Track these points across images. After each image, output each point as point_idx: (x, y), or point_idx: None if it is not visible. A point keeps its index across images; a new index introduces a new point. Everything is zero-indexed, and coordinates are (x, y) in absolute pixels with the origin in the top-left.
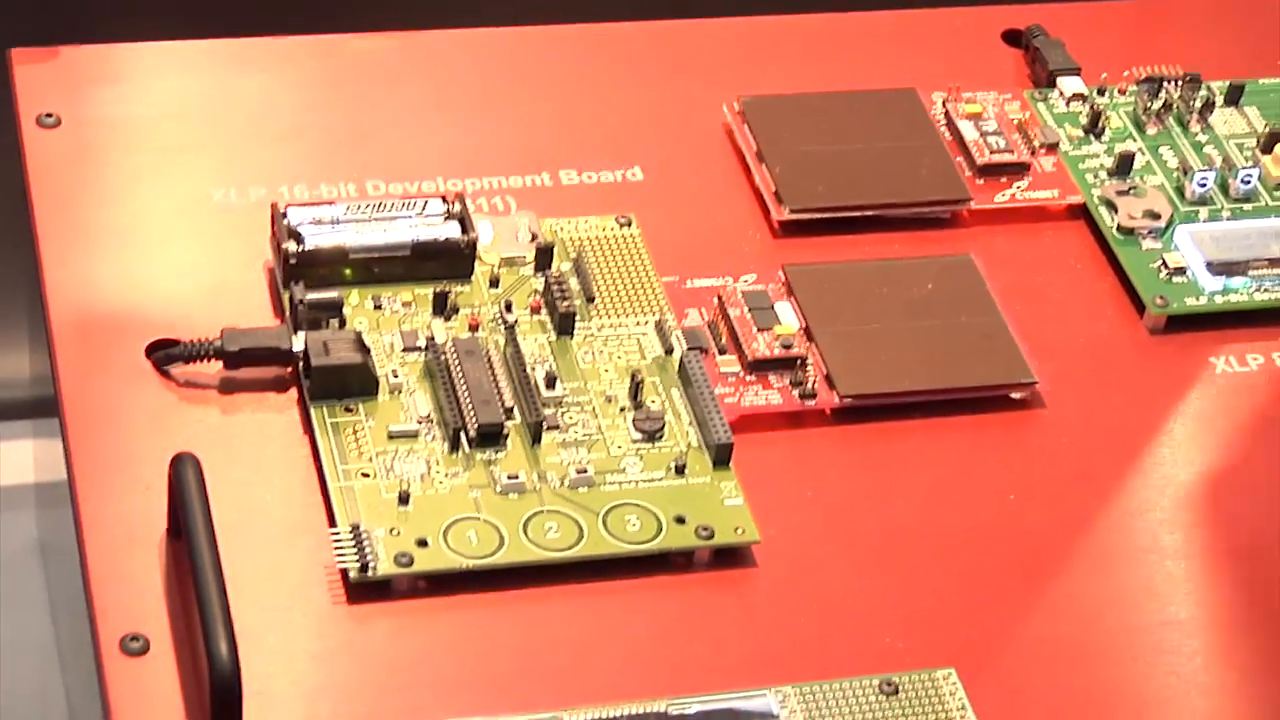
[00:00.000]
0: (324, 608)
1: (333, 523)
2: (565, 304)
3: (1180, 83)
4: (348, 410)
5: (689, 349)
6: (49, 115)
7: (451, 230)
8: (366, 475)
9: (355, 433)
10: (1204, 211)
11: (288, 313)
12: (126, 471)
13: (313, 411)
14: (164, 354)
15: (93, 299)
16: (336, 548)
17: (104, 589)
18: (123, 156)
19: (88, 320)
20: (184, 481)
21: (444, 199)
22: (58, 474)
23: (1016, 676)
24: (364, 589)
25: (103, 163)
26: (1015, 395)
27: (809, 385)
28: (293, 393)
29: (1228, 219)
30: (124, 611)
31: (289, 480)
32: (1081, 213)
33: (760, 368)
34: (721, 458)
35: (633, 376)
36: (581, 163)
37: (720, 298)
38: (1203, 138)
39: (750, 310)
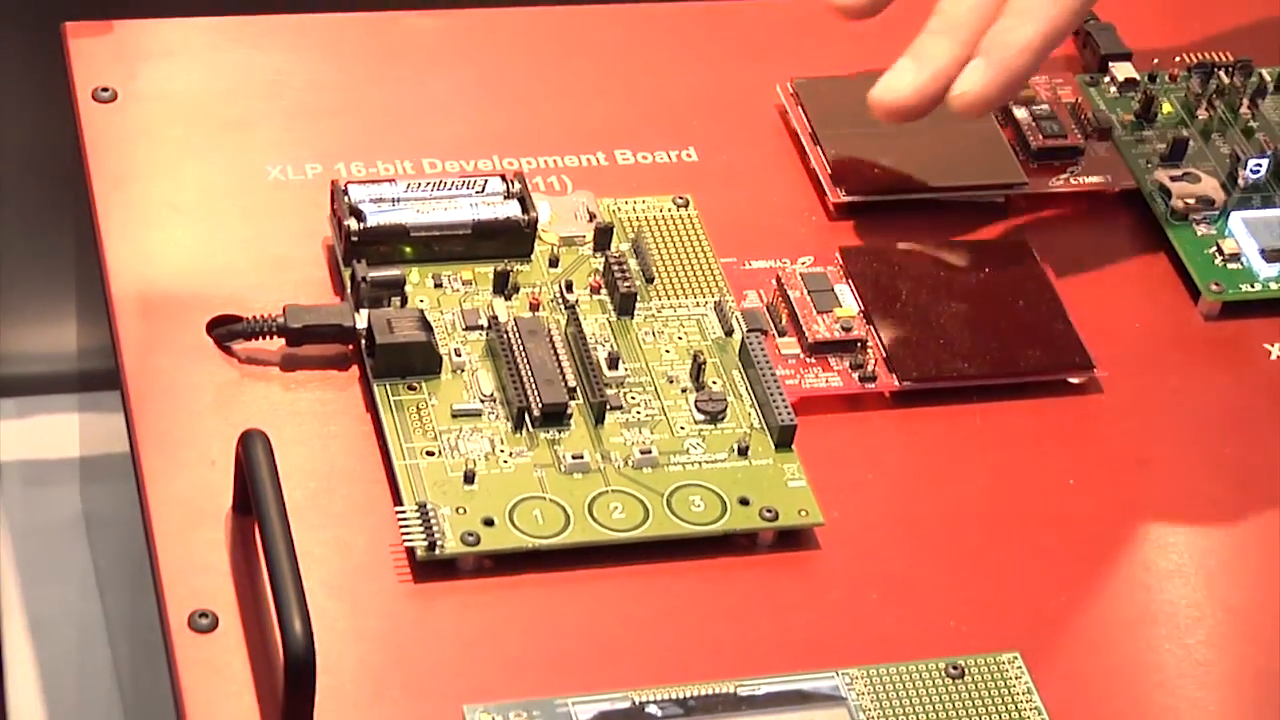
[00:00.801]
0: (390, 586)
1: (398, 501)
2: (626, 284)
3: (1231, 69)
4: (411, 388)
5: (749, 331)
6: (105, 90)
7: (512, 209)
8: (431, 453)
9: (419, 411)
10: (1257, 198)
11: (349, 290)
12: (191, 448)
13: (376, 389)
14: (226, 330)
15: (153, 275)
16: (403, 526)
17: (171, 566)
18: (178, 131)
19: (149, 296)
20: (254, 458)
21: (504, 178)
22: (103, 448)
23: (1080, 661)
24: (430, 568)
25: (159, 137)
26: (1074, 380)
27: (869, 368)
28: (354, 370)
29: None
30: (192, 588)
31: (352, 458)
32: (1135, 198)
33: (820, 350)
34: (784, 440)
35: (695, 358)
36: (636, 143)
37: (779, 279)
38: (1254, 124)
39: (810, 292)
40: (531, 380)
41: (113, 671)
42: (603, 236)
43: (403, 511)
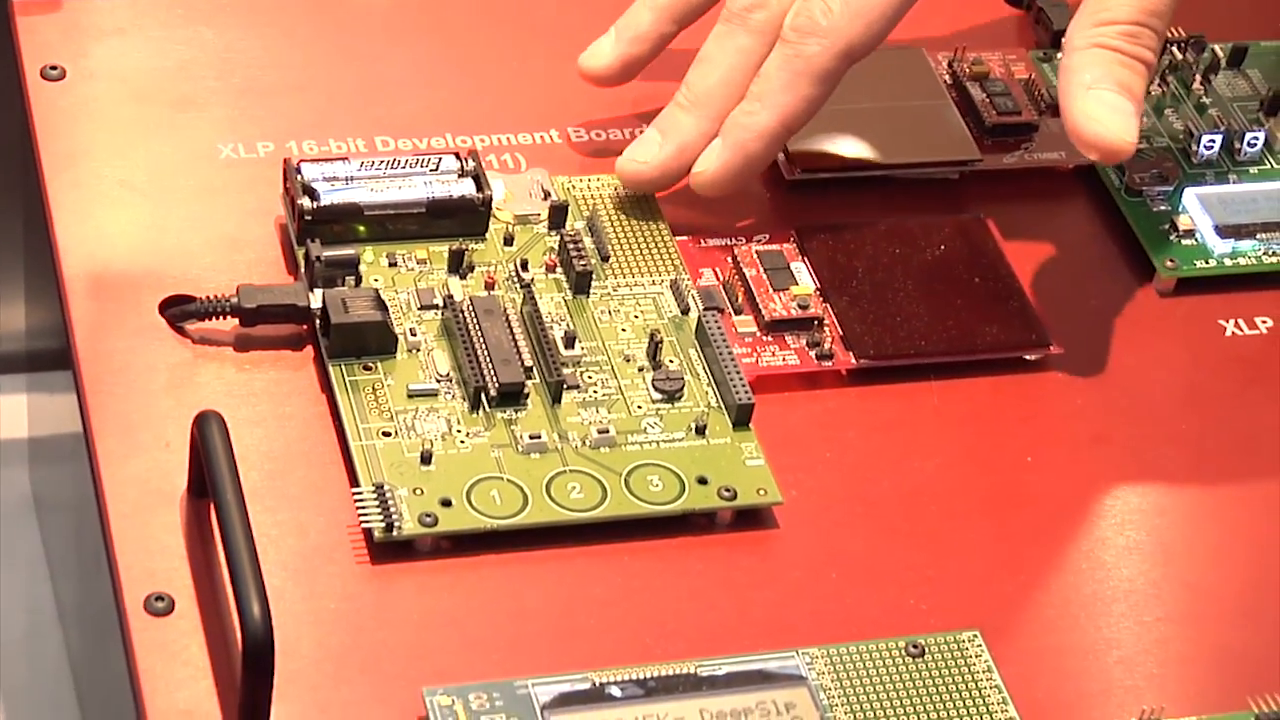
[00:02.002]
0: (348, 568)
1: (354, 482)
2: (581, 263)
3: (1184, 45)
4: (366, 368)
5: (706, 309)
6: (54, 68)
7: (466, 188)
8: (387, 434)
9: (375, 391)
10: (1210, 174)
11: (303, 269)
12: (145, 429)
13: (331, 369)
14: (179, 310)
15: (104, 255)
16: (360, 507)
17: (126, 549)
18: (129, 109)
19: (100, 276)
20: (210, 440)
21: (458, 156)
22: (51, 428)
23: (1040, 638)
24: (387, 549)
25: (109, 116)
26: (1030, 357)
27: (826, 346)
28: (309, 350)
29: (1235, 182)
30: (148, 571)
31: (308, 439)
32: (1089, 174)
33: (777, 328)
34: (742, 419)
35: (652, 336)
36: (590, 120)
37: (735, 257)
38: (1207, 100)
39: (766, 270)
40: (488, 360)
41: (64, 655)
42: (558, 215)
43: (359, 493)
